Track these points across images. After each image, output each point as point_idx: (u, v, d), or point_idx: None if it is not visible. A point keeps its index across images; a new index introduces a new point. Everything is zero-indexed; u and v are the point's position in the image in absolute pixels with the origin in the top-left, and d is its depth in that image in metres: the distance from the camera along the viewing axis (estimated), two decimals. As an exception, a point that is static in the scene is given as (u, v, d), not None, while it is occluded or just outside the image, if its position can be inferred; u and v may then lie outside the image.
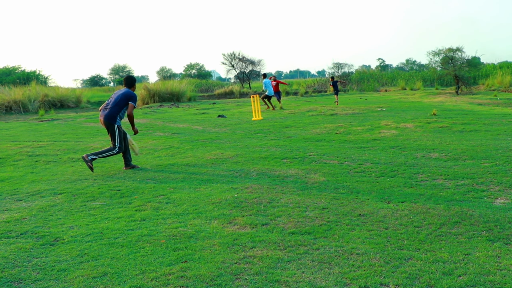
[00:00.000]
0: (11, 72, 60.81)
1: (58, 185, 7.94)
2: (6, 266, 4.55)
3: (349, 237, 5.04)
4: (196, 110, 26.03)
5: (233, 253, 4.67)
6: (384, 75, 54.43)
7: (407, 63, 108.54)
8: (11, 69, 62.74)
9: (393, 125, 14.14)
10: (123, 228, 5.54)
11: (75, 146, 12.61)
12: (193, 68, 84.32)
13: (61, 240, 5.23)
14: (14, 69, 62.60)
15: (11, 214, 6.30)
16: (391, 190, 6.91)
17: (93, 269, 4.38)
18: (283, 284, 3.97)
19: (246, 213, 5.96)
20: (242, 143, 12.06)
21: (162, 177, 8.28)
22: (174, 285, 4.01)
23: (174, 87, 37.47)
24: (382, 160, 9.01)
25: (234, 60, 56.57)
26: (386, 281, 3.97)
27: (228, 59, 56.81)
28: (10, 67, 63.33)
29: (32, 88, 34.49)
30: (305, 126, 15.19)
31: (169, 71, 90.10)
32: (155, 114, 24.61)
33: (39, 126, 19.42)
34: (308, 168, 8.52)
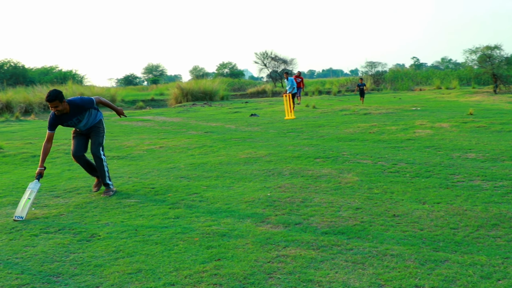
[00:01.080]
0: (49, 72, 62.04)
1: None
2: (45, 260, 4.65)
3: (383, 237, 4.99)
4: (229, 109, 26.11)
5: (266, 252, 4.67)
6: (419, 74, 53.41)
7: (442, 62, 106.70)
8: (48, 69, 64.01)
9: (428, 124, 13.93)
10: (157, 226, 5.60)
11: (110, 144, 12.78)
12: (226, 67, 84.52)
13: (97, 236, 5.31)
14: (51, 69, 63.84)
15: (50, 210, 6.44)
16: (426, 190, 6.82)
17: (128, 266, 4.44)
18: (316, 284, 3.96)
19: (279, 212, 5.96)
20: (275, 142, 12.05)
21: (195, 176, 8.34)
22: (207, 282, 4.03)
23: (207, 86, 37.64)
24: (417, 160, 8.88)
25: (266, 59, 56.55)
26: (421, 283, 3.92)
27: (261, 58, 56.82)
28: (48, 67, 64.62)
29: (68, 87, 35.08)
30: (338, 126, 15.09)
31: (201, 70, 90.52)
32: (188, 113, 24.78)
33: (75, 125, 19.73)
34: (341, 168, 8.47)
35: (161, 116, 22.83)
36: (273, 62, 56.54)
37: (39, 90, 33.42)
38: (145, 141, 13.29)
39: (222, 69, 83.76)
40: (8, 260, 4.69)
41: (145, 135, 14.88)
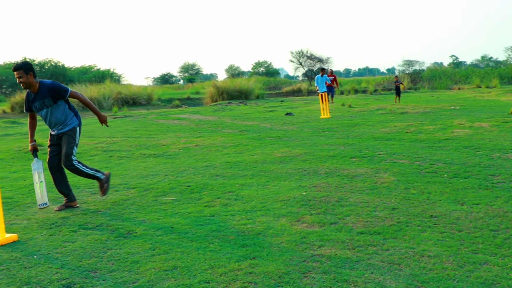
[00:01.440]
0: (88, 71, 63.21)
1: (130, 180, 8.17)
2: (84, 256, 4.73)
3: (420, 238, 4.92)
4: (264, 107, 26.13)
5: (301, 251, 4.66)
6: (458, 73, 52.37)
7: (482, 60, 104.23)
8: (87, 68, 65.22)
9: (467, 124, 13.65)
10: (193, 223, 5.64)
11: (147, 142, 12.94)
12: (261, 66, 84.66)
13: (134, 233, 5.38)
14: (90, 68, 65.02)
15: (88, 207, 6.55)
16: (464, 191, 6.68)
17: (164, 262, 4.48)
18: (351, 284, 3.92)
19: (314, 212, 5.93)
20: (310, 141, 12.00)
21: (231, 174, 8.37)
22: (242, 281, 4.04)
23: (242, 85, 37.75)
24: (455, 160, 8.72)
25: (302, 57, 56.41)
26: (459, 286, 3.83)
27: (296, 57, 56.72)
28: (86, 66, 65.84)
29: (106, 86, 35.73)
30: (374, 125, 14.93)
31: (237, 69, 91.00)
32: (224, 111, 24.90)
33: (113, 123, 20.05)
34: (377, 167, 8.38)
35: (196, 114, 23.00)
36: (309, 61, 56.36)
37: (78, 89, 34.10)
38: (181, 139, 13.40)
39: (258, 68, 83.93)
40: (48, 255, 4.79)
41: (181, 134, 15.01)
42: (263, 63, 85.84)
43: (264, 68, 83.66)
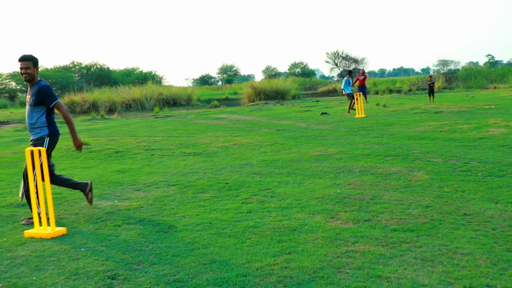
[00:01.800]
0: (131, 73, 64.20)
1: (171, 177, 8.27)
2: (127, 249, 4.83)
3: (453, 236, 4.85)
4: (300, 107, 26.06)
5: (335, 247, 4.65)
6: (493, 72, 50.96)
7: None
8: (130, 70, 66.24)
9: (503, 123, 13.32)
10: (231, 219, 5.68)
11: (187, 141, 13.07)
12: (297, 67, 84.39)
13: (174, 228, 5.46)
14: (133, 70, 66.02)
15: (131, 203, 6.67)
16: (499, 190, 6.55)
17: (203, 257, 4.54)
18: (385, 280, 3.90)
19: (349, 209, 5.91)
20: (345, 140, 11.93)
21: (267, 172, 8.39)
22: (278, 275, 4.06)
23: (279, 86, 37.71)
24: (490, 159, 8.54)
25: (337, 58, 56.04)
26: (493, 283, 3.78)
27: (332, 57, 56.39)
28: (130, 69, 66.89)
29: (148, 87, 36.17)
30: (409, 124, 14.73)
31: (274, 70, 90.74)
32: (261, 111, 24.93)
33: (155, 122, 20.31)
34: (411, 166, 8.27)
35: (234, 114, 23.10)
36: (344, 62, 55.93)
37: (122, 90, 34.73)
38: (219, 138, 13.49)
39: (294, 69, 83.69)
40: (94, 248, 4.91)
41: (220, 133, 15.10)
42: (299, 64, 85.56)
43: (300, 69, 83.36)
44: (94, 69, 63.46)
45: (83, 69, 63.73)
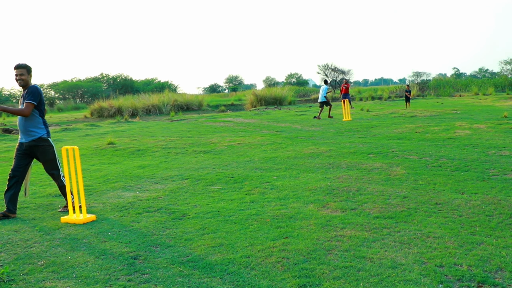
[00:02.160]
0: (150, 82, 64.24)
1: (185, 172, 8.26)
2: (147, 233, 4.81)
3: (426, 222, 4.83)
4: (295, 112, 26.00)
5: (326, 232, 4.63)
6: (459, 82, 50.92)
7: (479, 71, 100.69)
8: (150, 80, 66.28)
9: (467, 126, 13.29)
10: (236, 208, 5.66)
11: (198, 141, 13.05)
12: (293, 77, 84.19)
13: (187, 216, 5.44)
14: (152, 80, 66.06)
15: (150, 194, 6.65)
16: (464, 183, 6.52)
17: (212, 240, 4.52)
18: (368, 260, 3.88)
19: (337, 199, 5.88)
20: (334, 140, 11.90)
21: (268, 167, 8.37)
22: (277, 256, 4.04)
23: (277, 93, 37.62)
24: (457, 156, 8.51)
25: (327, 70, 55.74)
26: (459, 262, 3.77)
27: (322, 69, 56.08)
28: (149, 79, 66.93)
29: (165, 94, 36.16)
30: (388, 126, 14.69)
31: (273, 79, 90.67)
32: (261, 115, 24.89)
33: (170, 125, 20.29)
34: (391, 162, 8.24)
35: (239, 118, 23.07)
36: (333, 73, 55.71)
37: (142, 97, 34.70)
38: (226, 138, 13.47)
39: (290, 79, 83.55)
40: (119, 232, 4.89)
41: (226, 134, 15.08)
42: (294, 75, 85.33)
43: (295, 78, 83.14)
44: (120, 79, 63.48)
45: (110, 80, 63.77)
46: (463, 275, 3.55)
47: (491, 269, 3.63)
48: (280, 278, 3.61)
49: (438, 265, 3.74)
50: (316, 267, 3.78)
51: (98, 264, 4.03)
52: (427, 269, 3.68)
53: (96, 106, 31.55)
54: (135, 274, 3.80)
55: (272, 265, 3.85)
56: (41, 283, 3.69)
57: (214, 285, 3.53)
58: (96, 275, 3.80)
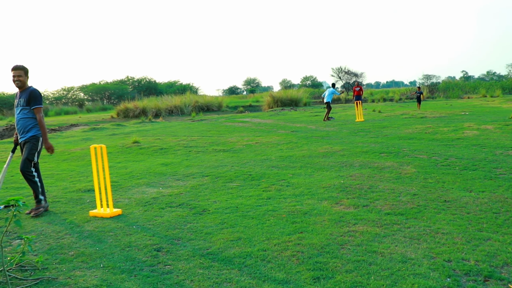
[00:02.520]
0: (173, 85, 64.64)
1: (205, 170, 8.30)
2: (169, 227, 4.86)
3: (435, 219, 4.78)
4: (310, 113, 25.92)
5: (339, 228, 4.62)
6: (467, 85, 50.25)
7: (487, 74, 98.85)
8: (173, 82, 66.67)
9: (475, 126, 13.09)
10: (253, 204, 5.68)
11: (218, 140, 13.10)
12: (308, 80, 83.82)
13: (207, 211, 5.47)
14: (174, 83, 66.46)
15: (172, 190, 6.71)
16: (472, 181, 6.43)
17: (231, 234, 4.54)
18: (379, 255, 3.86)
19: (350, 196, 5.86)
20: (347, 140, 11.83)
21: (284, 165, 8.36)
22: (292, 250, 4.05)
23: (293, 95, 37.53)
24: (465, 156, 8.40)
25: (341, 72, 55.45)
26: (467, 257, 3.74)
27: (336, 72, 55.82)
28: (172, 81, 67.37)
29: (187, 96, 36.37)
30: (399, 127, 14.55)
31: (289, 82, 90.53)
32: (278, 116, 24.87)
33: (192, 125, 20.40)
34: (401, 161, 8.17)
35: (256, 118, 23.08)
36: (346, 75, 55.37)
37: (165, 99, 34.95)
38: (244, 138, 13.49)
39: (305, 81, 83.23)
40: (143, 226, 4.95)
41: (244, 133, 15.11)
42: (309, 77, 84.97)
43: (310, 81, 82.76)
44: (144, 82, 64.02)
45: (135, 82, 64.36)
46: (471, 270, 3.51)
47: (498, 264, 3.59)
48: (295, 270, 3.62)
49: (446, 260, 3.71)
50: (330, 260, 3.78)
51: (124, 255, 4.08)
52: (436, 263, 3.65)
53: (122, 107, 31.88)
54: (158, 265, 3.84)
55: (288, 259, 3.86)
56: (71, 271, 3.77)
57: (233, 277, 3.56)
58: (122, 266, 3.85)
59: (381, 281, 3.39)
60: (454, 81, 57.35)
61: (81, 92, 59.40)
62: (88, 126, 21.88)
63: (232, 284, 3.44)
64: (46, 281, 3.60)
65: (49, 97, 56.91)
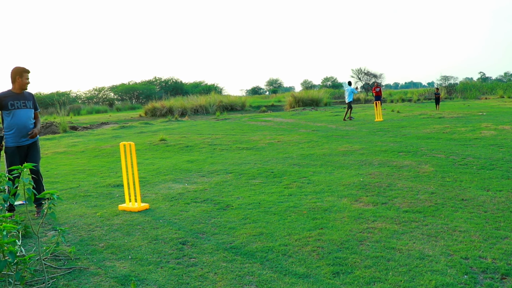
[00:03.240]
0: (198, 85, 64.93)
1: (229, 167, 8.34)
2: (194, 222, 4.90)
3: (453, 217, 4.70)
4: (331, 113, 25.74)
5: (358, 224, 4.58)
6: (485, 86, 49.03)
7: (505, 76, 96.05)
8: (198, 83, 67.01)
9: (492, 127, 12.78)
10: (275, 201, 5.68)
11: (241, 138, 13.14)
12: (329, 80, 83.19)
13: (231, 206, 5.50)
14: (200, 83, 66.77)
15: (197, 186, 6.76)
16: (490, 180, 6.30)
17: (253, 229, 4.56)
18: (397, 251, 3.82)
19: (369, 194, 5.80)
20: (367, 139, 11.72)
21: (305, 163, 8.34)
22: (312, 245, 4.04)
23: (314, 95, 37.30)
24: (483, 156, 8.22)
25: (360, 74, 54.86)
26: (484, 255, 3.67)
27: (356, 73, 55.24)
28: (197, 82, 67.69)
29: (211, 96, 36.54)
30: (417, 127, 14.32)
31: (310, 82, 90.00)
32: (299, 115, 24.78)
33: (216, 124, 20.50)
34: (419, 160, 8.05)
35: (278, 118, 23.05)
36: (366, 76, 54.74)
37: (191, 98, 35.20)
38: (267, 136, 13.50)
39: (326, 82, 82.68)
40: (169, 220, 5.01)
41: (267, 132, 15.11)
42: (330, 78, 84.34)
43: (331, 82, 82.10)
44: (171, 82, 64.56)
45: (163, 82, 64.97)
46: (488, 267, 3.45)
47: (518, 263, 3.51)
48: (315, 265, 3.61)
49: (463, 257, 3.64)
50: (349, 256, 3.76)
51: (151, 248, 4.14)
52: (453, 260, 3.59)
53: (150, 106, 32.24)
54: (184, 258, 3.88)
55: (308, 254, 3.85)
56: (101, 262, 3.84)
57: (255, 270, 3.57)
58: (149, 258, 3.91)
59: (399, 277, 3.35)
60: (471, 82, 56.08)
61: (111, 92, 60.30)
62: (117, 124, 22.22)
63: (254, 277, 3.45)
64: (78, 271, 3.69)
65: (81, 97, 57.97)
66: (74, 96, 56.72)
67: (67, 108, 40.05)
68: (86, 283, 3.44)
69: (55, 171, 8.76)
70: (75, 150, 12.19)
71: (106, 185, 7.14)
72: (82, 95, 59.01)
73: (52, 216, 3.45)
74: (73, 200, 6.18)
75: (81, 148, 12.58)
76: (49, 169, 8.96)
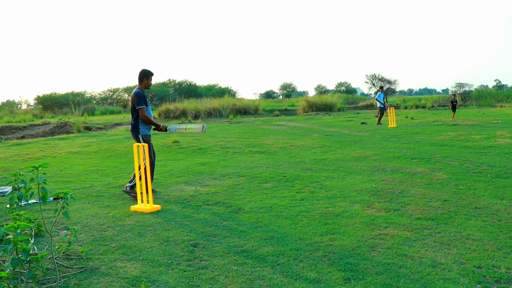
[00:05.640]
0: (212, 88, 65.16)
1: (241, 170, 8.34)
2: (206, 224, 4.91)
3: (466, 225, 4.64)
4: (344, 118, 25.63)
5: (370, 230, 4.55)
6: (500, 93, 48.26)
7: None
8: (212, 86, 67.24)
9: (508, 135, 12.59)
10: (287, 205, 5.67)
11: (254, 142, 13.15)
12: (342, 86, 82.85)
13: (243, 210, 5.50)
14: (213, 86, 66.98)
15: (209, 189, 6.78)
16: (504, 189, 6.20)
17: (265, 233, 4.55)
18: (409, 258, 3.79)
19: (382, 200, 5.76)
20: (380, 145, 11.64)
21: (317, 168, 8.31)
22: (324, 251, 4.02)
23: (327, 100, 37.16)
24: (497, 164, 8.10)
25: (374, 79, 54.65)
26: (497, 264, 3.61)
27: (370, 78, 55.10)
28: (211, 85, 67.91)
29: (225, 99, 36.60)
30: (431, 133, 14.18)
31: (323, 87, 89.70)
32: (312, 120, 24.71)
33: (229, 127, 20.55)
34: (433, 167, 7.96)
35: (292, 122, 23.02)
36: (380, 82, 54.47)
37: (205, 101, 35.35)
38: (280, 140, 13.49)
39: (340, 87, 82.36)
40: (181, 222, 5.02)
41: (280, 136, 15.10)
42: (344, 83, 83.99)
43: (344, 87, 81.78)
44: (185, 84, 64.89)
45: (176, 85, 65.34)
46: (501, 277, 3.39)
47: (533, 274, 3.44)
48: (326, 271, 3.59)
49: (476, 266, 3.59)
50: (360, 262, 3.73)
51: (162, 249, 4.16)
52: (466, 269, 3.54)
53: (164, 108, 32.44)
54: (195, 260, 3.89)
55: (319, 259, 3.84)
56: (113, 262, 3.87)
57: (266, 274, 3.56)
58: (160, 259, 3.93)
59: (410, 284, 3.32)
60: (487, 90, 55.33)
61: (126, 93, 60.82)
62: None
63: (265, 281, 3.44)
64: (89, 270, 3.72)
65: (96, 97, 58.58)
66: (89, 96, 57.38)
67: (82, 108, 40.53)
68: (97, 283, 3.47)
69: (68, 170, 8.86)
70: (89, 150, 12.32)
71: (119, 185, 7.20)
72: (97, 95, 59.65)
73: (65, 215, 3.49)
74: (85, 200, 6.24)
75: (95, 148, 12.70)
76: (62, 168, 9.07)
